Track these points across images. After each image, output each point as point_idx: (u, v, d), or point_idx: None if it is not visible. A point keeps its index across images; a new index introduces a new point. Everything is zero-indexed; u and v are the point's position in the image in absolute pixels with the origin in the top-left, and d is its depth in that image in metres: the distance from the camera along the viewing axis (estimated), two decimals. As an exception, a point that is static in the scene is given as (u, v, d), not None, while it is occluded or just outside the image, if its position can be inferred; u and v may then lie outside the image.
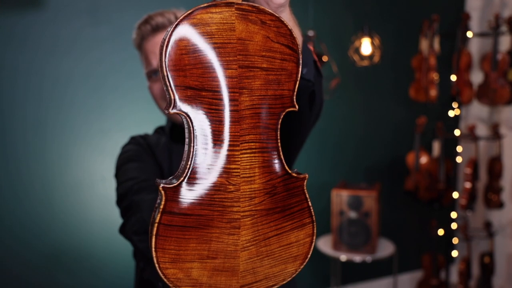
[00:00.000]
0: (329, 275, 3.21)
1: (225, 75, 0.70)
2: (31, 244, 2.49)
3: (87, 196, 2.57)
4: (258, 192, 0.73)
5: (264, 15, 0.72)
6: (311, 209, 0.78)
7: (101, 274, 2.62)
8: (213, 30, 0.69)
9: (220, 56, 0.69)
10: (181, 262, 0.70)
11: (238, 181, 0.72)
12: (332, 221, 2.85)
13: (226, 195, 0.71)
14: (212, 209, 0.71)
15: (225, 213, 0.71)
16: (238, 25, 0.70)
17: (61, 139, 2.51)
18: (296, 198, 0.77)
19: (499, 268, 3.27)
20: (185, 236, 0.70)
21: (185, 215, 0.70)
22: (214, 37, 0.69)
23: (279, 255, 0.76)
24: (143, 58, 1.32)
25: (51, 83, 2.46)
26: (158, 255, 0.69)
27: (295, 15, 0.94)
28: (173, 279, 0.70)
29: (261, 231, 0.74)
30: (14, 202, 2.44)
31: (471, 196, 2.99)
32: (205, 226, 0.71)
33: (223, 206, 0.71)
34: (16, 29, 2.36)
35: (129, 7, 2.56)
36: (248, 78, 0.71)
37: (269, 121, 0.74)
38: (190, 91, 0.69)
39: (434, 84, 2.97)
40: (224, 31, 0.69)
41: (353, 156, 3.24)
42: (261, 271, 0.75)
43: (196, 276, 0.71)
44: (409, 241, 3.39)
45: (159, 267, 0.69)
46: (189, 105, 0.69)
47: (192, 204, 0.70)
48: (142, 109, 2.61)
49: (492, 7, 3.24)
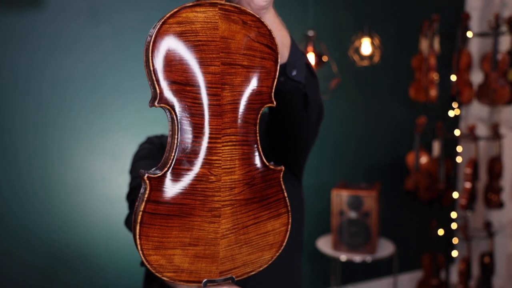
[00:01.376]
0: (329, 275, 3.22)
1: (208, 71, 0.73)
2: (31, 244, 2.49)
3: (87, 196, 2.57)
4: (238, 182, 0.77)
5: (245, 15, 0.76)
6: (286, 199, 0.83)
7: (101, 273, 2.62)
8: (197, 28, 0.72)
9: (204, 53, 0.73)
10: (164, 249, 0.74)
11: (219, 172, 0.75)
12: (332, 221, 2.85)
13: (207, 185, 0.75)
14: (194, 198, 0.74)
15: (206, 202, 0.75)
16: (221, 24, 0.74)
17: (61, 139, 2.51)
18: (273, 189, 0.81)
19: (499, 268, 3.27)
20: (168, 224, 0.74)
21: (169, 204, 0.73)
22: (199, 35, 0.72)
23: (256, 243, 0.81)
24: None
25: (51, 83, 2.46)
26: (142, 242, 0.73)
27: (295, 15, 0.95)
28: (156, 266, 0.74)
29: (240, 220, 0.78)
30: (14, 202, 2.44)
31: (471, 196, 2.99)
32: (187, 215, 0.74)
33: (205, 195, 0.75)
34: (16, 29, 2.36)
35: (129, 7, 2.56)
36: (230, 74, 0.75)
37: (249, 115, 0.78)
38: (175, 85, 0.72)
39: (434, 84, 2.97)
40: (208, 29, 0.73)
41: (353, 156, 3.24)
42: (239, 258, 0.80)
43: (178, 263, 0.75)
44: (409, 241, 3.39)
45: (143, 254, 0.73)
46: (174, 98, 0.72)
47: (176, 194, 0.74)
48: (142, 109, 2.61)
49: (492, 7, 3.24)
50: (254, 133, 0.78)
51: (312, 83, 1.02)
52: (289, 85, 0.95)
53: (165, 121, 2.53)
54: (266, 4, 0.83)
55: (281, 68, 0.91)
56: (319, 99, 1.07)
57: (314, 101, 1.04)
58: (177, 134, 0.74)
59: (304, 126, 1.09)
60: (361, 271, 3.31)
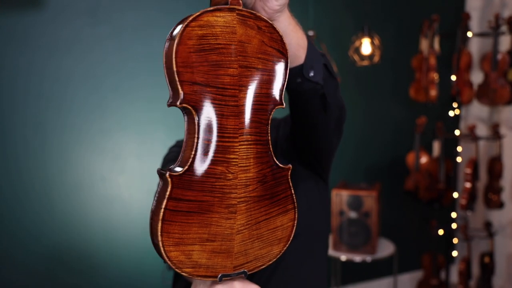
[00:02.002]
0: (329, 275, 3.22)
1: (227, 73, 0.77)
2: (30, 244, 2.49)
3: (87, 196, 2.57)
4: (252, 180, 0.81)
5: (260, 21, 0.80)
6: (293, 196, 0.87)
7: (101, 273, 2.62)
8: (217, 32, 0.76)
9: (223, 56, 0.77)
10: (184, 245, 0.77)
11: (236, 170, 0.79)
12: (332, 221, 2.85)
13: (225, 182, 0.78)
14: (213, 196, 0.78)
15: (224, 199, 0.79)
16: (238, 28, 0.78)
17: (61, 139, 2.51)
18: (282, 186, 0.86)
19: (499, 268, 3.27)
20: (188, 220, 0.77)
21: (189, 201, 0.76)
22: (219, 38, 0.76)
23: (266, 238, 0.85)
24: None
25: (51, 83, 2.46)
26: (164, 239, 0.75)
27: (295, 15, 0.95)
28: (176, 261, 0.77)
29: (253, 216, 0.82)
30: (14, 202, 2.44)
31: (471, 196, 2.99)
32: (206, 211, 0.78)
33: (222, 192, 0.78)
34: (16, 29, 2.36)
35: (129, 7, 2.56)
36: (246, 77, 0.79)
37: (261, 116, 0.82)
38: (197, 86, 0.75)
39: (434, 84, 2.97)
40: (227, 33, 0.77)
41: (353, 156, 3.24)
42: (251, 252, 0.84)
43: (196, 258, 0.78)
44: (409, 241, 3.39)
45: (164, 250, 0.75)
46: (195, 99, 0.76)
47: (196, 191, 0.77)
48: (142, 109, 2.62)
49: (492, 7, 3.24)
50: (266, 133, 0.82)
51: (331, 84, 1.01)
52: (306, 86, 0.95)
53: (165, 121, 2.54)
54: (280, 7, 0.85)
55: (297, 69, 0.94)
56: (339, 99, 1.06)
57: (333, 102, 1.03)
58: (197, 133, 0.77)
59: (324, 127, 1.09)
60: (361, 271, 3.31)
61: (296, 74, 0.93)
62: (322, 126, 1.08)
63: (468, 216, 3.23)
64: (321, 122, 1.07)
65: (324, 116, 1.05)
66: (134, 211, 2.64)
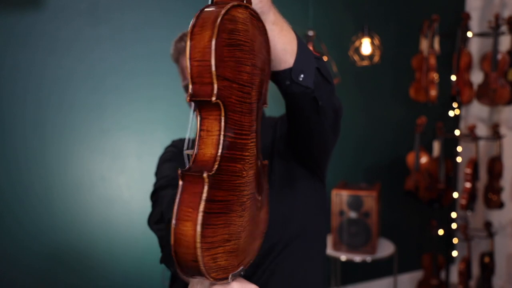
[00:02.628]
0: (329, 275, 3.21)
1: (245, 70, 0.76)
2: (30, 244, 2.49)
3: (87, 196, 2.57)
4: (254, 176, 0.81)
5: (260, 22, 0.79)
6: (268, 190, 0.90)
7: (101, 273, 2.62)
8: (240, 28, 0.74)
9: (243, 53, 0.75)
10: (213, 249, 0.72)
11: (248, 167, 0.79)
12: (332, 221, 2.85)
13: (242, 180, 0.77)
14: (234, 194, 0.76)
15: (240, 197, 0.77)
16: (250, 27, 0.76)
17: (61, 139, 2.50)
18: (265, 180, 0.88)
19: (499, 268, 3.27)
20: (217, 222, 0.73)
21: (220, 201, 0.73)
22: (240, 35, 0.74)
23: (256, 232, 0.85)
24: (180, 72, 1.40)
25: (51, 83, 2.46)
26: (202, 245, 0.70)
27: (295, 15, 0.95)
28: (207, 268, 0.72)
29: (252, 211, 0.82)
30: (14, 202, 2.44)
31: (471, 196, 2.99)
32: (229, 211, 0.75)
33: (240, 190, 0.77)
34: (16, 29, 2.36)
35: (129, 7, 2.56)
36: (255, 75, 0.78)
37: (259, 113, 0.83)
38: (226, 82, 0.72)
39: (434, 84, 2.97)
40: (245, 31, 0.75)
41: (353, 156, 3.24)
42: (249, 248, 0.83)
43: (219, 261, 0.74)
44: (409, 241, 3.39)
45: (202, 256, 0.70)
46: (224, 95, 0.73)
47: (224, 190, 0.74)
48: (142, 109, 2.61)
49: (492, 7, 3.24)
50: (258, 129, 0.83)
51: (325, 88, 1.00)
52: (295, 89, 0.94)
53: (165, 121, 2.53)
54: (260, 9, 0.82)
55: (286, 72, 0.92)
56: (333, 103, 1.06)
57: (327, 105, 1.03)
58: (222, 130, 0.73)
59: (318, 128, 1.08)
60: (361, 271, 3.31)
61: (285, 77, 0.92)
62: (316, 127, 1.07)
63: (468, 216, 3.23)
64: (314, 124, 1.06)
65: (318, 118, 1.04)
66: (134, 211, 2.64)
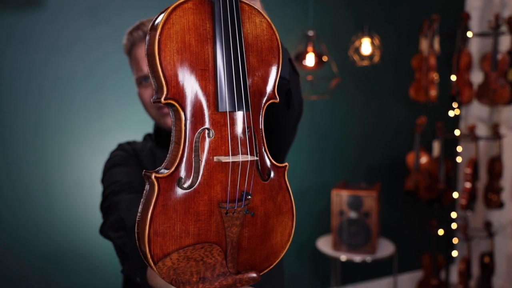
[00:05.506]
0: (329, 275, 3.21)
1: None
2: (31, 244, 2.49)
3: (87, 196, 2.57)
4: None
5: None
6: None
7: (101, 273, 2.62)
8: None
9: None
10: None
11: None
12: (332, 221, 2.85)
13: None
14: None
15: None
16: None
17: (61, 139, 2.51)
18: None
19: (499, 268, 3.27)
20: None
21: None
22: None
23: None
24: (133, 64, 1.33)
25: (51, 83, 2.46)
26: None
27: (295, 15, 0.95)
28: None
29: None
30: (14, 202, 2.44)
31: (471, 196, 2.99)
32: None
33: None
34: (16, 29, 2.36)
35: (129, 7, 2.56)
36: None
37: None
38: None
39: (434, 84, 2.97)
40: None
41: (353, 156, 3.24)
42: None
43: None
44: (409, 241, 3.39)
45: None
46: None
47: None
48: (142, 109, 2.61)
49: (492, 7, 3.24)
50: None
51: (295, 79, 1.00)
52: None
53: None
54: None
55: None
56: (300, 96, 1.05)
57: (296, 98, 1.02)
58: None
59: (285, 123, 1.08)
60: (361, 271, 3.31)
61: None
62: (283, 122, 1.07)
63: (468, 216, 3.23)
64: (282, 118, 1.05)
65: (286, 112, 1.03)
66: (134, 211, 2.64)
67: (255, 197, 0.72)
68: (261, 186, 0.73)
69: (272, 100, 0.75)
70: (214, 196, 0.68)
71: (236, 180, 0.69)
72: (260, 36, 0.74)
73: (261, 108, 0.73)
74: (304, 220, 3.06)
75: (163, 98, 0.66)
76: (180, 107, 0.67)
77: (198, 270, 0.68)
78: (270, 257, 0.74)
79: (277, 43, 0.75)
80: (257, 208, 0.72)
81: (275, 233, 0.74)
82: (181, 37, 0.67)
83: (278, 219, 0.74)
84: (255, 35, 0.73)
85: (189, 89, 0.67)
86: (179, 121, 0.68)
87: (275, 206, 0.74)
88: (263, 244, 0.73)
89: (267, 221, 0.73)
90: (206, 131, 0.68)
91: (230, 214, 0.69)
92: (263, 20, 0.74)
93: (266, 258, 0.74)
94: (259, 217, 0.73)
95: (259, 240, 0.73)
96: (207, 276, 0.69)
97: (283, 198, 0.75)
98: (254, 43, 0.73)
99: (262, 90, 0.73)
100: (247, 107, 0.70)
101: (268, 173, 0.74)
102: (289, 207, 0.75)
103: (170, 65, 0.66)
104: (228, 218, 0.69)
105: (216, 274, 0.69)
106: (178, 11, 0.68)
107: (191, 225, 0.67)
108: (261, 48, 0.74)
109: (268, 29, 0.74)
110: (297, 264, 3.13)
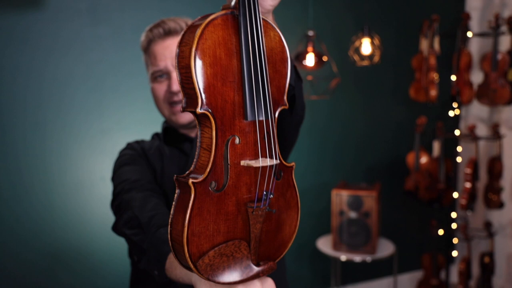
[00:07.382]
0: (329, 275, 3.21)
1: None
2: (31, 244, 2.49)
3: (87, 196, 2.57)
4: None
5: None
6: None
7: (101, 273, 2.62)
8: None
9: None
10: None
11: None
12: (332, 221, 2.85)
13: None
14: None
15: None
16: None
17: (61, 139, 2.51)
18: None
19: (499, 268, 3.27)
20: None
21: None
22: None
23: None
24: (149, 59, 1.37)
25: (51, 83, 2.46)
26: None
27: (295, 15, 0.96)
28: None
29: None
30: (14, 202, 2.44)
31: (471, 196, 2.99)
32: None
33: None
34: (16, 29, 2.36)
35: (129, 7, 2.56)
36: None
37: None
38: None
39: (434, 84, 2.97)
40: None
41: (353, 156, 3.24)
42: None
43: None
44: (409, 241, 3.39)
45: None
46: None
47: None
48: (142, 109, 2.61)
49: (492, 7, 3.24)
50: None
51: (298, 85, 1.02)
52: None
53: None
54: (271, 8, 0.87)
55: None
56: (302, 101, 1.08)
57: (299, 103, 1.04)
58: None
59: (287, 127, 1.10)
60: (361, 271, 3.31)
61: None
62: (286, 125, 1.09)
63: (468, 216, 3.23)
64: (285, 122, 1.08)
65: (290, 117, 1.06)
66: (134, 211, 2.64)
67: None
68: (276, 185, 0.80)
69: (283, 106, 0.81)
70: (241, 197, 0.76)
71: (260, 181, 0.77)
72: (274, 49, 0.79)
73: (276, 114, 0.80)
74: (304, 220, 3.05)
75: (198, 109, 0.71)
76: (212, 117, 0.72)
77: (229, 264, 0.75)
78: (281, 247, 0.82)
79: (287, 54, 0.81)
80: (273, 205, 0.80)
81: (285, 225, 0.82)
82: (213, 51, 0.72)
83: (287, 213, 0.82)
84: (270, 48, 0.79)
85: (221, 100, 0.73)
86: (209, 129, 0.73)
87: (285, 202, 0.82)
88: (276, 237, 0.81)
89: (279, 216, 0.81)
90: (234, 138, 0.74)
91: (256, 213, 0.76)
92: (276, 34, 0.80)
93: (278, 249, 0.82)
94: (274, 213, 0.81)
95: (273, 233, 0.81)
96: (236, 269, 0.76)
97: (291, 194, 0.82)
98: (270, 55, 0.78)
99: (277, 98, 0.80)
100: (270, 115, 0.77)
101: (280, 173, 0.81)
102: (295, 202, 0.83)
103: (204, 77, 0.71)
104: (253, 216, 0.76)
105: (243, 267, 0.76)
106: (210, 27, 0.72)
107: (221, 224, 0.74)
108: (275, 59, 0.79)
109: (280, 41, 0.80)
110: (297, 264, 3.13)
